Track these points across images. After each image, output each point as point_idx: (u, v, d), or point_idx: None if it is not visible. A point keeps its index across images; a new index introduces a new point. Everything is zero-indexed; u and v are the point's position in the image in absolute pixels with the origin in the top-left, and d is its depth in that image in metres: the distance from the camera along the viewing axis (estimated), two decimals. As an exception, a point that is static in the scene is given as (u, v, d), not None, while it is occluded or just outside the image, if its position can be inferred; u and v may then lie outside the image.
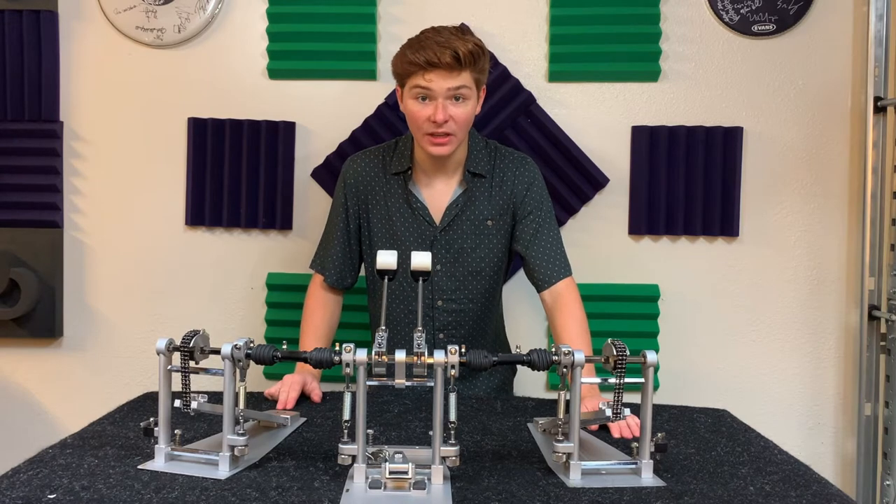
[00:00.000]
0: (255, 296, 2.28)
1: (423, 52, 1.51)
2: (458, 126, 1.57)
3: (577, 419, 1.13)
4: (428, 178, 1.71)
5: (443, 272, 1.72)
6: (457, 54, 1.51)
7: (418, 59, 1.52)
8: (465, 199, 1.69)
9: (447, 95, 1.54)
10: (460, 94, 1.55)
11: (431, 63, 1.51)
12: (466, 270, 1.72)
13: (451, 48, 1.50)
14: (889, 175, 2.17)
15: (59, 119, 2.26)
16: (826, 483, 1.14)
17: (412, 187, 1.70)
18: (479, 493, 1.06)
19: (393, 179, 1.72)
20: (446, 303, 1.73)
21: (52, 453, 1.20)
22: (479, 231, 1.71)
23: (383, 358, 1.08)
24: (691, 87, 2.22)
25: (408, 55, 1.54)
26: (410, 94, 1.57)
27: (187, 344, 1.14)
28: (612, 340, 1.17)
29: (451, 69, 1.52)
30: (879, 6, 2.15)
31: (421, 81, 1.54)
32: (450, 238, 1.70)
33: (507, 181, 1.71)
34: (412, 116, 1.59)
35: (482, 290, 1.75)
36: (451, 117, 1.55)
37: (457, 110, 1.56)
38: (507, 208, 1.71)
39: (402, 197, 1.71)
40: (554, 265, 1.69)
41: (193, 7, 2.23)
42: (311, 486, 1.07)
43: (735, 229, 2.21)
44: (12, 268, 2.22)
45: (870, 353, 2.19)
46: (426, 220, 1.70)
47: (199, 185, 2.25)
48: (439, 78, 1.52)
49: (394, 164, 1.72)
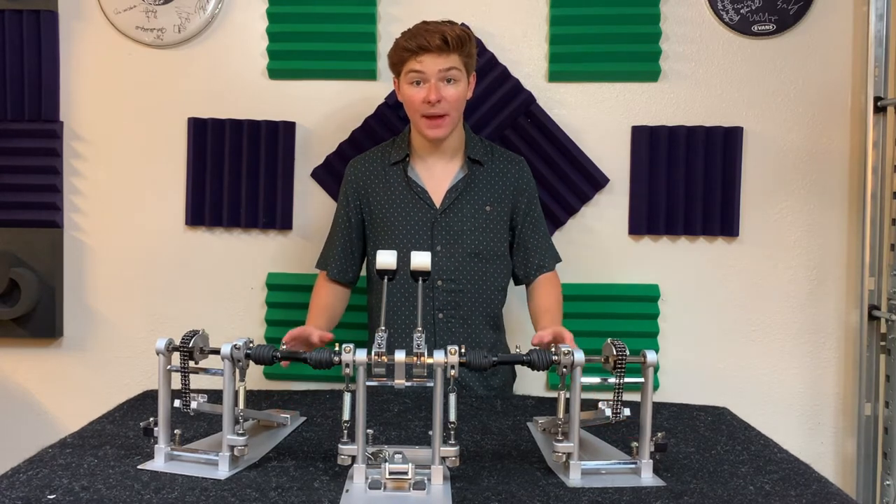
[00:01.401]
0: (255, 296, 2.28)
1: (415, 39, 1.66)
2: (450, 106, 1.69)
3: (577, 419, 1.13)
4: (427, 164, 1.80)
5: (443, 252, 1.77)
6: (445, 37, 1.64)
7: (410, 44, 1.66)
8: (466, 183, 1.78)
9: (439, 77, 1.66)
10: (451, 76, 1.68)
11: (422, 47, 1.64)
12: (466, 252, 1.78)
13: (440, 32, 1.64)
14: (889, 175, 2.17)
15: (59, 119, 2.26)
16: (826, 482, 1.14)
17: (411, 173, 1.79)
18: (478, 494, 1.06)
19: (392, 169, 1.81)
20: (446, 283, 1.77)
21: (51, 453, 1.20)
22: (478, 215, 1.78)
23: (383, 358, 1.08)
24: (691, 87, 2.22)
25: (401, 43, 1.69)
26: (406, 80, 1.70)
27: (187, 344, 1.14)
28: (611, 340, 1.17)
29: (440, 51, 1.65)
30: (879, 6, 2.15)
31: (414, 65, 1.67)
32: (450, 220, 1.77)
33: (508, 175, 1.82)
34: (408, 101, 1.71)
35: (481, 271, 1.79)
36: (444, 97, 1.67)
37: (449, 91, 1.68)
38: (506, 199, 1.81)
39: (402, 183, 1.79)
40: (535, 261, 1.84)
41: (193, 7, 2.23)
42: (311, 487, 1.07)
43: (735, 229, 2.21)
44: (12, 268, 2.22)
45: (870, 353, 2.19)
46: (427, 203, 1.78)
47: (199, 185, 2.25)
48: (430, 60, 1.65)
49: (392, 155, 1.82)
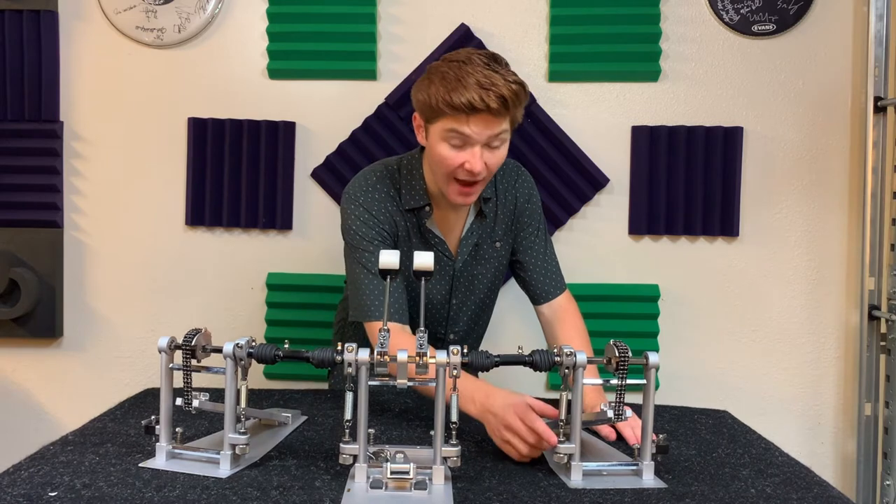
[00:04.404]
0: (255, 296, 2.28)
1: (466, 94, 1.29)
2: (489, 173, 1.41)
3: (579, 420, 1.13)
4: (441, 211, 1.56)
5: (457, 306, 1.63)
6: (503, 99, 1.30)
7: (459, 101, 1.30)
8: (479, 228, 1.58)
9: (485, 143, 1.35)
10: (499, 140, 1.37)
11: (475, 108, 1.30)
12: (478, 299, 1.65)
13: (496, 91, 1.30)
14: (889, 175, 2.17)
15: (59, 119, 2.26)
16: (827, 486, 1.14)
17: (430, 224, 1.55)
18: (480, 494, 1.06)
19: (406, 214, 1.54)
20: (456, 335, 1.67)
21: (53, 450, 1.19)
22: (490, 256, 1.62)
23: (385, 358, 1.08)
24: (691, 87, 2.22)
25: (447, 96, 1.31)
26: (442, 137, 1.36)
27: (189, 342, 1.14)
28: (614, 342, 1.17)
29: (496, 115, 1.32)
30: (879, 6, 2.15)
31: (463, 128, 1.33)
32: (468, 271, 1.61)
33: (510, 195, 1.61)
34: (442, 161, 1.38)
35: (483, 320, 1.72)
36: (486, 165, 1.37)
37: (492, 157, 1.38)
38: (511, 223, 1.62)
39: (417, 234, 1.55)
40: (553, 279, 1.64)
41: (193, 7, 2.23)
42: (313, 486, 1.07)
43: (735, 229, 2.21)
44: (12, 268, 2.22)
45: (870, 353, 2.19)
46: (444, 255, 1.57)
47: (199, 185, 2.25)
48: (481, 124, 1.32)
49: (405, 198, 1.53)
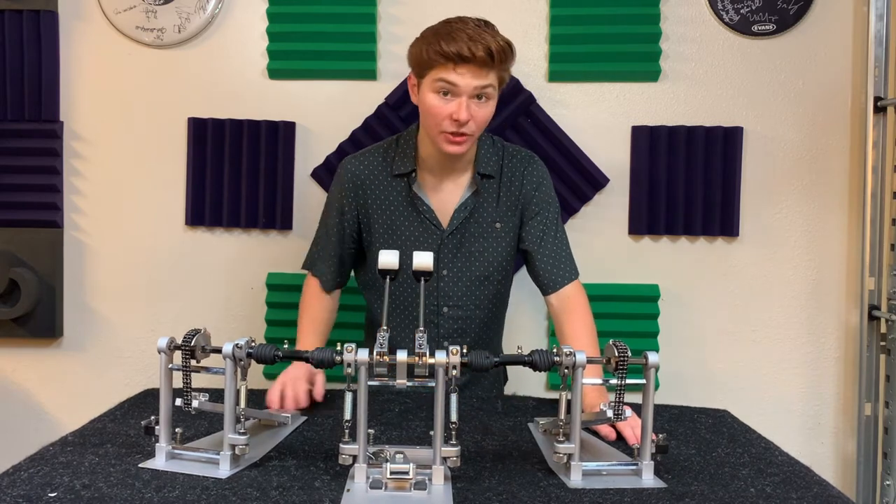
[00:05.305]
0: (255, 296, 2.28)
1: (455, 44, 1.41)
2: (477, 127, 1.49)
3: (579, 420, 1.13)
4: (434, 179, 1.62)
5: (449, 277, 1.64)
6: (490, 50, 1.41)
7: (449, 50, 1.41)
8: (475, 202, 1.62)
9: (472, 94, 1.45)
10: (485, 94, 1.47)
11: (463, 57, 1.41)
12: (474, 275, 1.65)
13: (484, 43, 1.41)
14: (889, 175, 2.17)
15: (59, 119, 2.26)
16: (827, 485, 1.14)
17: (417, 189, 1.61)
18: (479, 494, 1.06)
19: (395, 181, 1.62)
20: (452, 309, 1.66)
21: (52, 451, 1.19)
22: (487, 234, 1.63)
23: (385, 358, 1.08)
24: (691, 87, 2.22)
25: (437, 45, 1.42)
26: (432, 87, 1.46)
27: (188, 342, 1.14)
28: (613, 342, 1.17)
29: (481, 66, 1.42)
30: (879, 6, 2.15)
31: (449, 76, 1.43)
32: (457, 242, 1.63)
33: (516, 181, 1.64)
34: (431, 111, 1.48)
35: (490, 295, 1.69)
36: (473, 117, 1.47)
37: (479, 110, 1.48)
38: (516, 209, 1.64)
39: (407, 199, 1.62)
40: (562, 268, 1.64)
41: (193, 7, 2.23)
42: (312, 486, 1.07)
43: (735, 229, 2.21)
44: (12, 268, 2.22)
45: (870, 353, 2.19)
46: (433, 224, 1.62)
47: (199, 185, 2.25)
48: (468, 74, 1.42)
49: (396, 165, 1.62)
